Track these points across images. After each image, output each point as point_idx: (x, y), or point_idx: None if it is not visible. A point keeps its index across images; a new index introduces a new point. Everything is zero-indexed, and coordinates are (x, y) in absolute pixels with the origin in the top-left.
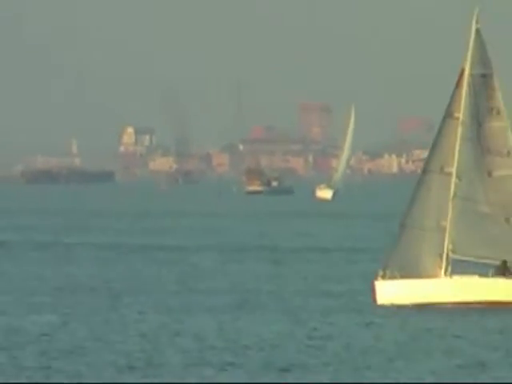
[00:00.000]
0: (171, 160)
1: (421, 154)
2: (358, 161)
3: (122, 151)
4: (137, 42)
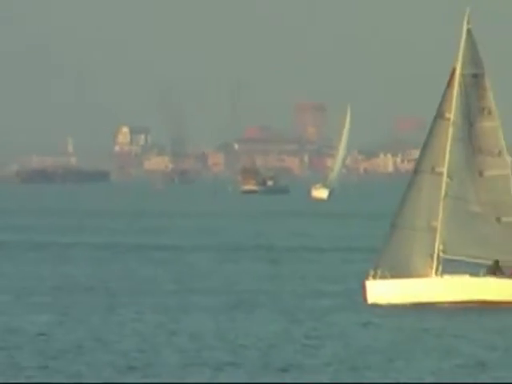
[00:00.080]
0: (167, 159)
1: (416, 154)
2: (353, 160)
3: (117, 151)
4: (136, 42)
